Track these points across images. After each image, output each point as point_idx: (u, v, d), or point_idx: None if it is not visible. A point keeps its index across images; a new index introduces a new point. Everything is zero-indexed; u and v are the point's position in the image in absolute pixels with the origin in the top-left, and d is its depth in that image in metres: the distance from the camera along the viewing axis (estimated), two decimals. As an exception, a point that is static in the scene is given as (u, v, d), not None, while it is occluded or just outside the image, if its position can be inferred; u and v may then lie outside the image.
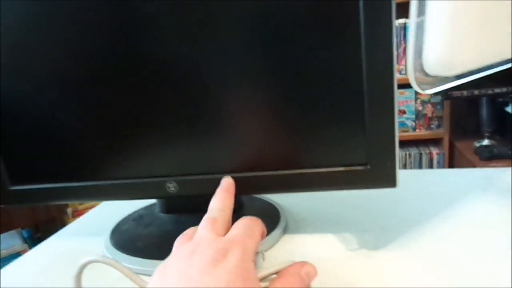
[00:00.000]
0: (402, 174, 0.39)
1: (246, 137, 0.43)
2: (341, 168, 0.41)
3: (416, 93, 2.11)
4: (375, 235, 0.45)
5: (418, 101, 2.13)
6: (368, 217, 0.50)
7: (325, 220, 0.51)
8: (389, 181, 0.40)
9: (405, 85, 2.04)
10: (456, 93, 1.78)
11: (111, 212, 0.62)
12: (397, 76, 0.37)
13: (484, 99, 1.84)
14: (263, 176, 0.43)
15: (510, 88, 1.71)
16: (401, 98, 2.14)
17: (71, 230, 0.60)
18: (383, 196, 0.56)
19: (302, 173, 0.42)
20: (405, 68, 2.03)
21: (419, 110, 2.15)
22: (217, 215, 0.35)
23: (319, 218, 0.52)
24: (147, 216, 0.55)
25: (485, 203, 0.50)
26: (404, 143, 2.23)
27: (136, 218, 0.56)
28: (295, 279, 0.32)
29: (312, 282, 0.33)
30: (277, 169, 0.42)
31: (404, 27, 2.01)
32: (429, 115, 2.15)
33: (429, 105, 2.13)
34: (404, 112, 2.16)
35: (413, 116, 2.16)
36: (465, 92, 1.77)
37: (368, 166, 0.40)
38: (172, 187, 0.45)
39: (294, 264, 0.33)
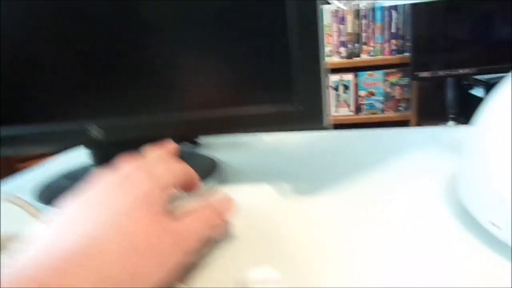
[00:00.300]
0: (351, 134, 0.37)
1: (174, 77, 0.41)
2: (269, 108, 0.39)
3: (385, 75, 2.12)
4: (310, 184, 0.44)
5: (387, 83, 2.15)
6: (306, 168, 0.49)
7: (262, 171, 0.50)
8: (317, 120, 0.38)
9: (375, 67, 2.06)
10: (423, 74, 1.80)
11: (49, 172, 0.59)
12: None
13: (449, 82, 1.87)
14: (193, 117, 0.41)
15: (474, 69, 1.74)
16: (370, 80, 2.15)
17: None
18: (326, 150, 0.55)
19: (231, 114, 0.40)
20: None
21: (387, 92, 2.16)
22: (147, 155, 0.32)
23: (257, 170, 0.50)
24: (79, 172, 0.53)
25: (425, 156, 0.49)
26: (373, 125, 2.25)
27: (67, 174, 0.53)
28: (210, 211, 0.30)
29: (229, 216, 0.32)
30: (205, 108, 0.40)
31: (373, 9, 2.02)
32: (398, 97, 2.17)
33: (397, 87, 2.15)
34: (373, 94, 2.18)
35: (382, 98, 2.17)
36: (431, 73, 1.79)
37: (296, 105, 0.38)
38: (96, 132, 0.43)
39: (211, 200, 0.32)
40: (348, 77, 2.16)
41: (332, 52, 2.12)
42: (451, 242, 0.29)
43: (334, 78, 2.18)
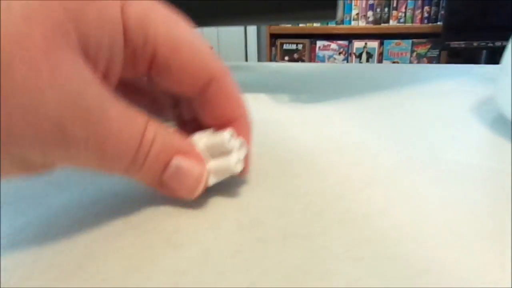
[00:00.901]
0: (371, 66, 0.29)
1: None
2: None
3: (413, 44, 1.99)
4: (313, 96, 0.36)
5: (414, 54, 2.01)
6: (311, 86, 0.42)
7: (263, 86, 0.42)
8: (329, 11, 0.30)
9: (403, 35, 1.93)
10: (454, 44, 1.67)
11: None
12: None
13: (483, 53, 1.73)
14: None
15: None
16: (396, 49, 2.02)
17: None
18: (339, 76, 0.47)
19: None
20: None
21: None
22: None
23: (257, 85, 0.43)
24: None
25: (454, 82, 0.41)
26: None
27: None
28: None
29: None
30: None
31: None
32: (424, 70, 2.04)
33: (425, 59, 2.01)
34: (398, 64, 2.05)
35: (407, 70, 2.05)
36: (463, 44, 1.66)
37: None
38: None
39: None
40: (373, 44, 2.03)
41: (358, 16, 1.99)
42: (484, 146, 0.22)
43: (358, 44, 2.05)
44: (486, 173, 0.19)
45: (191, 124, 0.19)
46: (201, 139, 0.17)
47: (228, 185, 0.18)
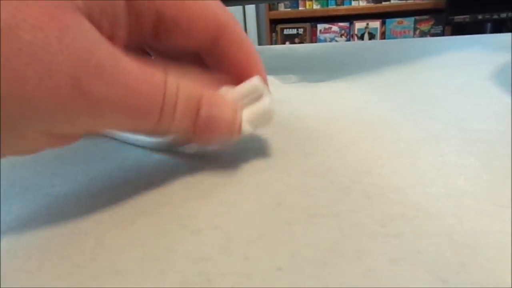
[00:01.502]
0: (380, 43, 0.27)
1: None
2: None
3: (416, 22, 1.95)
4: (318, 75, 0.35)
5: (417, 31, 1.98)
6: (318, 66, 0.40)
7: (269, 68, 0.41)
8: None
9: (405, 13, 1.89)
10: (458, 18, 1.63)
11: None
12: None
13: (488, 27, 1.70)
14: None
15: (517, 15, 1.57)
16: (398, 28, 1.98)
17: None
18: (347, 55, 0.45)
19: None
20: (406, -8, 1.86)
21: (417, 41, 2.00)
22: None
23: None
24: None
25: (468, 51, 0.39)
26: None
27: None
28: None
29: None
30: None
31: None
32: (428, 47, 2.00)
33: (428, 36, 1.98)
34: (401, 43, 2.02)
35: (411, 48, 2.01)
36: (468, 17, 1.62)
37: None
38: None
39: None
40: (375, 24, 2.00)
41: (358, -4, 1.96)
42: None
43: (359, 25, 2.02)
44: (518, 140, 0.18)
45: None
46: (229, 90, 0.16)
47: (244, 165, 0.17)
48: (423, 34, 1.98)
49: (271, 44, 2.19)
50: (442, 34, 1.93)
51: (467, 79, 0.29)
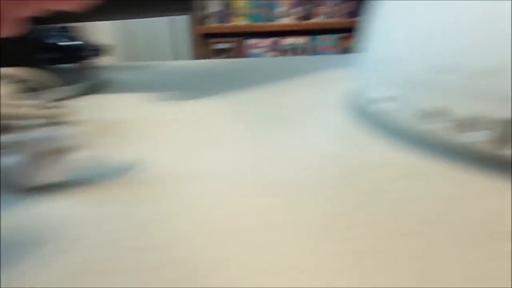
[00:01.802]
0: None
1: None
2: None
3: (339, 39, 2.07)
4: (183, 94, 0.36)
5: (342, 48, 2.10)
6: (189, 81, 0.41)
7: (140, 85, 0.42)
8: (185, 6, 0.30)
9: (331, 30, 1.99)
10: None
11: None
12: None
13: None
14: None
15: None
16: (324, 44, 2.09)
17: None
18: (224, 73, 0.46)
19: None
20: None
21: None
22: None
23: (124, 84, 0.42)
24: None
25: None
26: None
27: None
28: None
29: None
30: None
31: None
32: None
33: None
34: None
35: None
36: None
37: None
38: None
39: None
40: (302, 40, 2.08)
41: (286, 13, 2.03)
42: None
43: (287, 41, 2.09)
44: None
45: None
46: None
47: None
48: (347, 50, 2.10)
49: (202, 58, 2.18)
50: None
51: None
